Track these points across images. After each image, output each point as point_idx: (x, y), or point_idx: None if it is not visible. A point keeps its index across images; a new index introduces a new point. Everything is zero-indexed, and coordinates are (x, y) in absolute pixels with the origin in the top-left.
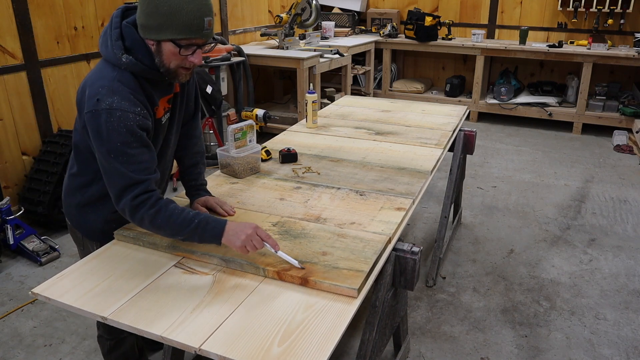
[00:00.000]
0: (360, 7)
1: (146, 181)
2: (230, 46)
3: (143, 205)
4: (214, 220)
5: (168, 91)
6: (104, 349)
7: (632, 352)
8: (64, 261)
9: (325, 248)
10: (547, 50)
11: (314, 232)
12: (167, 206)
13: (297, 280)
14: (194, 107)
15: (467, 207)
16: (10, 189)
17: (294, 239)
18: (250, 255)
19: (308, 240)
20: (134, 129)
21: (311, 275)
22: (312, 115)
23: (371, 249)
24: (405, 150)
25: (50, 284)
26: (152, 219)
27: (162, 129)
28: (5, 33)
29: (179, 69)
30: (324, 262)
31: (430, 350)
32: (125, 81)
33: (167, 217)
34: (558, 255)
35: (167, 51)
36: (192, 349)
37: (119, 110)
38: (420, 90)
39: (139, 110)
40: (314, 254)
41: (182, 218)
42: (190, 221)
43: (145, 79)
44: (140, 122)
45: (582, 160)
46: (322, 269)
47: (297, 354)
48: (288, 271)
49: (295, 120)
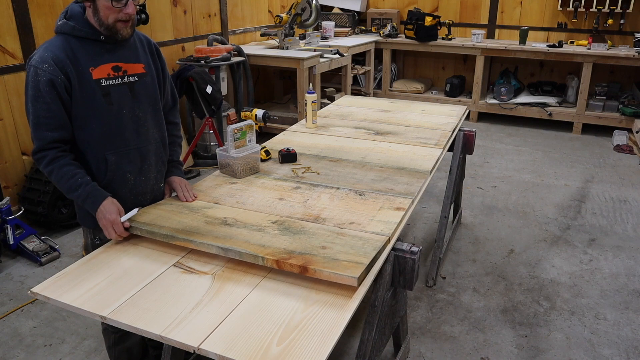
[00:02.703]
0: (360, 7)
1: (44, 138)
2: (230, 46)
3: (40, 161)
4: (94, 196)
5: (110, 58)
6: (108, 341)
7: (632, 352)
8: (64, 261)
9: (324, 243)
10: (547, 50)
11: (313, 230)
12: (61, 169)
13: (297, 268)
14: (172, 97)
15: (467, 207)
16: (10, 189)
17: (293, 235)
18: (251, 245)
19: (308, 236)
20: (41, 84)
21: (311, 264)
22: (311, 115)
23: (371, 246)
24: (405, 150)
25: (50, 283)
26: (49, 176)
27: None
28: (5, 33)
29: (117, 23)
30: (324, 254)
31: (430, 350)
32: (53, 41)
33: (58, 179)
34: (558, 255)
35: (102, 7)
36: (191, 348)
37: (32, 67)
38: (420, 90)
39: (47, 67)
40: (313, 247)
41: (69, 184)
42: (75, 190)
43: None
44: (49, 77)
45: (582, 160)
46: (321, 260)
47: (296, 353)
48: (288, 260)
49: (295, 120)
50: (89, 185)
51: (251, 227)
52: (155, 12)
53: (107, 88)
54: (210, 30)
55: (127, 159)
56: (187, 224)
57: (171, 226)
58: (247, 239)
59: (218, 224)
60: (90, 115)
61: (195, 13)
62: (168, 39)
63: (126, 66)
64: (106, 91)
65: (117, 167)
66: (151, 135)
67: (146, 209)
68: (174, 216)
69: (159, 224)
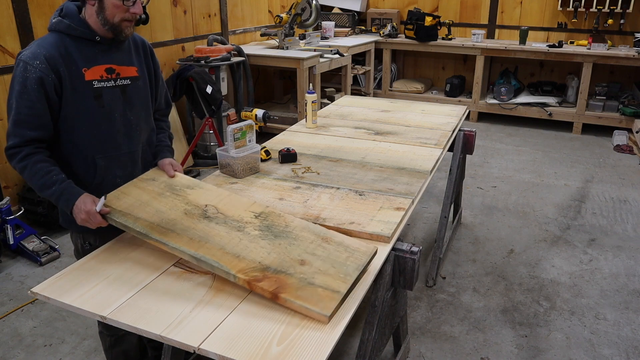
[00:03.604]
0: (360, 7)
1: (20, 135)
2: (230, 46)
3: (12, 157)
4: (69, 193)
5: (104, 60)
6: (105, 344)
7: (632, 352)
8: (64, 261)
9: (305, 255)
10: (547, 50)
11: (297, 232)
12: (34, 165)
13: (268, 294)
14: (165, 101)
15: (467, 207)
16: (10, 189)
17: (274, 238)
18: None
19: (289, 241)
20: (29, 80)
21: (283, 291)
22: (311, 115)
23: (354, 263)
24: (405, 150)
25: (50, 283)
26: (20, 172)
27: (95, 93)
28: (5, 33)
29: (122, 22)
30: (300, 274)
31: (430, 350)
32: (47, 38)
33: (31, 176)
34: (558, 255)
35: (109, 6)
36: (191, 348)
37: (22, 62)
38: (420, 90)
39: (37, 64)
40: (291, 261)
41: (43, 181)
42: (49, 187)
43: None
44: (38, 75)
45: (582, 160)
46: (296, 284)
47: (296, 353)
48: (259, 282)
49: (295, 120)
50: (64, 183)
51: (231, 223)
52: (155, 12)
53: (99, 90)
54: (210, 30)
55: (117, 164)
56: (164, 215)
57: (147, 218)
58: (224, 243)
59: (197, 215)
60: (80, 116)
61: (195, 13)
62: (168, 39)
63: (120, 69)
64: (98, 93)
65: (106, 171)
66: (141, 139)
67: (127, 186)
68: (154, 201)
69: (134, 215)
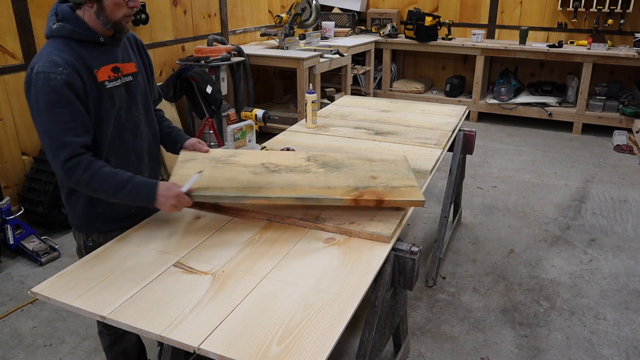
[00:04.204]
0: (360, 7)
1: (72, 144)
2: (230, 46)
3: (75, 170)
4: (146, 185)
5: (109, 59)
6: (104, 343)
7: (632, 352)
8: (64, 261)
9: (370, 172)
10: (547, 50)
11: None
12: (100, 170)
13: (373, 202)
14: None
15: (467, 207)
16: (10, 189)
17: (337, 169)
18: (318, 189)
19: (350, 169)
20: (57, 88)
21: (383, 196)
22: (311, 115)
23: (403, 167)
24: (405, 150)
25: (50, 283)
26: (87, 183)
27: (108, 94)
28: (5, 33)
29: (123, 18)
30: (380, 184)
31: (430, 350)
32: (53, 45)
33: (102, 181)
34: (558, 255)
35: (110, 5)
36: (191, 348)
37: (42, 73)
38: (420, 90)
39: (61, 70)
40: (366, 179)
41: (116, 182)
42: (124, 185)
43: (78, 44)
44: (64, 79)
45: (582, 160)
46: (385, 190)
47: (296, 353)
48: (362, 197)
49: (295, 120)
50: (134, 179)
51: (296, 170)
52: (155, 12)
53: (111, 90)
54: (210, 30)
55: (125, 161)
56: (240, 178)
57: (230, 185)
58: (309, 183)
59: (265, 172)
60: (99, 119)
61: (195, 13)
62: (168, 39)
63: (122, 66)
64: (110, 93)
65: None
66: (145, 134)
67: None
68: (216, 172)
69: (213, 186)
